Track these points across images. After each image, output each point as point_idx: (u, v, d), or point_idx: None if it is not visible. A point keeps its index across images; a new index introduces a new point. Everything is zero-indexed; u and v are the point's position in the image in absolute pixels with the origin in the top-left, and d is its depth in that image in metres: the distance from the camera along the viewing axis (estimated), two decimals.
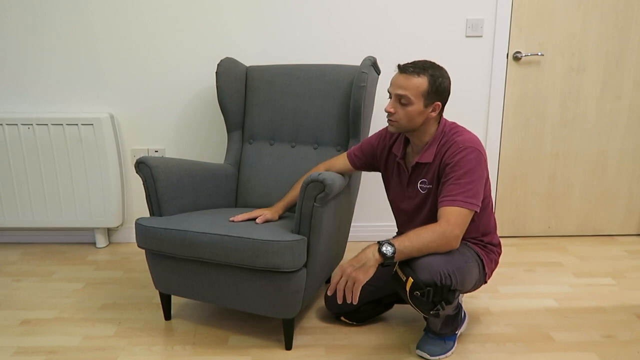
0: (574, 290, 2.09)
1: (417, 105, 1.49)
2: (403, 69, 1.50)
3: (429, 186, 1.57)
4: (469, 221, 1.47)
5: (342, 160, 1.81)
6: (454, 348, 1.65)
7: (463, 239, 1.60)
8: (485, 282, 1.65)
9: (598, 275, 2.24)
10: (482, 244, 1.63)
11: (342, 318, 1.82)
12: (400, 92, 1.48)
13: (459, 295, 1.51)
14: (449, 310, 1.51)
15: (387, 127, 1.75)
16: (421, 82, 1.48)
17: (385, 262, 1.37)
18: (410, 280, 1.41)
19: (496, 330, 1.79)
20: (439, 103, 1.52)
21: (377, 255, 1.36)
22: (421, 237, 1.40)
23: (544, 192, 2.65)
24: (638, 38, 2.45)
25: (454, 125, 1.58)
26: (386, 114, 1.55)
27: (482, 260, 1.59)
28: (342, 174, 1.76)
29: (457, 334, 1.68)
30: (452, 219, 1.42)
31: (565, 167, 2.62)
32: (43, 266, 2.36)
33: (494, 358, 1.63)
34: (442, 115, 1.57)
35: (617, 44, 2.45)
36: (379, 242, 1.38)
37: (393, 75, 1.56)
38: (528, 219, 2.69)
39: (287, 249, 1.52)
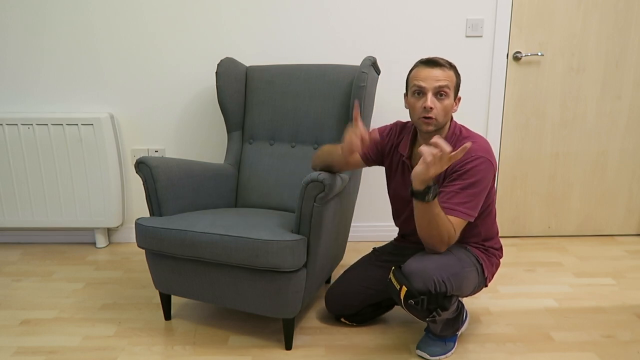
0: (574, 290, 2.09)
1: (451, 99, 1.48)
2: (434, 62, 1.46)
3: None
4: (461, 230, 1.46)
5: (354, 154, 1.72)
6: (454, 348, 1.65)
7: (464, 242, 1.58)
8: (486, 285, 1.64)
9: (598, 275, 2.24)
10: (483, 248, 1.62)
11: (343, 319, 1.81)
12: (442, 83, 1.44)
13: (456, 300, 1.49)
14: (447, 315, 1.50)
15: (397, 123, 1.70)
16: (453, 74, 1.48)
17: (417, 194, 1.34)
18: (404, 288, 1.40)
19: (496, 330, 1.79)
20: (460, 97, 1.53)
21: (429, 183, 1.33)
22: (443, 222, 1.39)
23: (544, 192, 2.65)
24: (638, 38, 2.45)
25: (464, 128, 1.55)
26: (421, 112, 1.46)
27: (481, 264, 1.57)
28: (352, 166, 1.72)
29: (457, 334, 1.68)
30: (457, 231, 1.43)
31: (565, 167, 2.62)
32: (43, 266, 2.36)
33: (494, 358, 1.63)
34: None
35: (617, 44, 2.45)
36: (436, 186, 1.36)
37: (417, 71, 1.48)
38: (528, 219, 2.69)
39: (287, 249, 1.52)
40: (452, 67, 1.49)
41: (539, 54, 2.42)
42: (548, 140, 2.57)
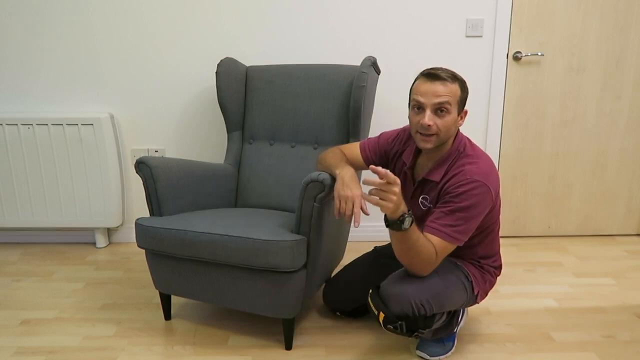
0: (574, 290, 2.09)
1: (454, 114, 1.40)
2: (436, 76, 1.39)
3: (429, 205, 1.50)
4: (448, 253, 1.41)
5: (358, 158, 1.69)
6: (454, 347, 1.65)
7: (457, 257, 1.54)
8: (477, 302, 1.59)
9: (598, 275, 2.24)
10: (478, 264, 1.58)
11: (338, 313, 1.84)
12: (442, 99, 1.37)
13: (440, 317, 1.46)
14: (434, 328, 1.48)
15: (405, 128, 1.65)
16: (456, 88, 1.40)
17: (392, 224, 1.29)
18: (382, 314, 1.38)
19: (496, 330, 1.79)
20: (466, 110, 1.46)
21: (399, 214, 1.26)
22: (423, 248, 1.35)
23: (544, 192, 2.65)
24: (638, 38, 2.45)
25: (469, 145, 1.49)
26: (419, 128, 1.41)
27: (471, 281, 1.52)
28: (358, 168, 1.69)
29: (456, 332, 1.67)
30: (439, 253, 1.38)
31: (565, 167, 2.61)
32: (43, 266, 2.36)
33: (493, 358, 1.62)
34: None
35: (617, 44, 2.45)
36: (410, 212, 1.30)
37: (418, 84, 1.42)
38: (528, 219, 2.69)
39: (287, 249, 1.52)
40: (456, 80, 1.40)
41: (539, 54, 2.42)
42: (548, 140, 2.57)
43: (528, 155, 2.59)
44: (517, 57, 2.45)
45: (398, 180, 1.24)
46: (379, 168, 1.23)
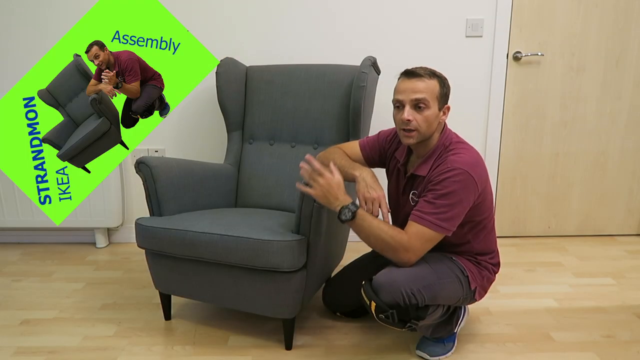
0: (574, 290, 2.09)
1: (434, 109, 1.43)
2: (412, 73, 1.43)
3: (417, 199, 1.51)
4: (434, 242, 1.42)
5: (359, 157, 1.71)
6: (454, 348, 1.65)
7: (453, 252, 1.55)
8: (475, 299, 1.58)
9: (598, 275, 2.24)
10: (474, 260, 1.57)
11: (338, 314, 1.85)
12: (418, 95, 1.41)
13: (437, 309, 1.46)
14: (427, 322, 1.47)
15: None
16: (435, 84, 1.43)
17: (340, 217, 1.42)
18: (373, 303, 1.38)
19: (496, 330, 1.79)
20: (449, 106, 1.49)
21: (338, 206, 1.42)
22: (382, 232, 1.39)
23: (544, 192, 2.65)
24: (638, 38, 2.45)
25: (456, 140, 1.51)
26: (401, 124, 1.45)
27: (467, 276, 1.52)
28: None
29: (456, 332, 1.67)
30: (414, 239, 1.39)
31: (565, 167, 2.61)
32: (43, 266, 2.36)
33: (493, 358, 1.63)
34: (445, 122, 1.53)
35: (617, 44, 2.45)
36: (352, 202, 1.43)
37: (398, 83, 1.46)
38: (528, 219, 2.69)
39: (287, 249, 1.52)
40: (434, 76, 1.44)
41: (539, 54, 2.42)
42: (548, 140, 2.57)
43: (528, 155, 2.59)
44: (517, 57, 2.45)
45: (325, 173, 1.42)
46: (311, 157, 1.45)
